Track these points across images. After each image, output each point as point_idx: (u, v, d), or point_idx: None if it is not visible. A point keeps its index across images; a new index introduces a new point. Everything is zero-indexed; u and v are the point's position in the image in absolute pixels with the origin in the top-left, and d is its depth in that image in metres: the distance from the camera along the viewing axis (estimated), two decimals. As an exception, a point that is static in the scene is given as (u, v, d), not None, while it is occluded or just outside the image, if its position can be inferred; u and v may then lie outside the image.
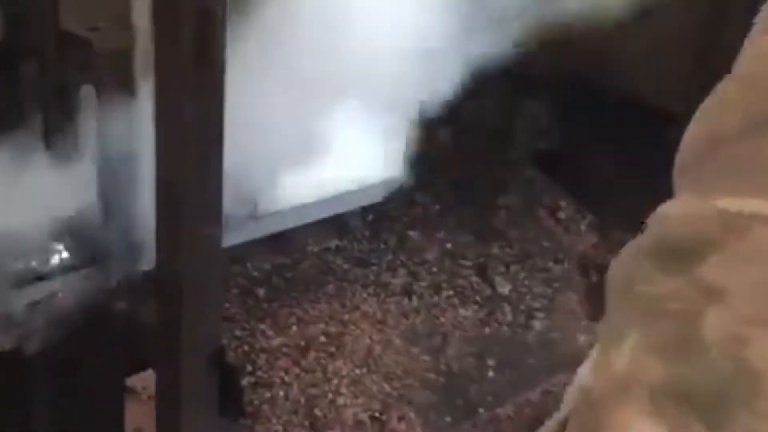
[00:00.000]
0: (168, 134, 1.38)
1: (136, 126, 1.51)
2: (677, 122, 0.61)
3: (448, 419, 1.60)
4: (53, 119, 1.52)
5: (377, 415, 1.56)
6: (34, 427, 1.69)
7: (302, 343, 1.64)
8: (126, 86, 1.50)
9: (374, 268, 1.82)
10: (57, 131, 1.53)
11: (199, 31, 1.33)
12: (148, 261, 1.56)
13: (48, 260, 1.53)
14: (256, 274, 1.72)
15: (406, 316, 1.76)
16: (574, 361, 0.55)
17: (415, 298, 1.79)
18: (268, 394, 1.55)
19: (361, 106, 1.72)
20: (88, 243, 1.56)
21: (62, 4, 1.45)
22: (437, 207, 1.93)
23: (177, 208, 1.41)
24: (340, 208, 1.85)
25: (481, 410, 1.63)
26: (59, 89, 1.50)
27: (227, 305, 1.61)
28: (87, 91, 1.50)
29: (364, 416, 1.56)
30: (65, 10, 1.45)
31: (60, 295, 1.53)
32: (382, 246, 1.86)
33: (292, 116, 1.65)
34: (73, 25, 1.47)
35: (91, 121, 1.51)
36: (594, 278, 1.83)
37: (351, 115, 1.72)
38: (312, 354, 1.63)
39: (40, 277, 1.53)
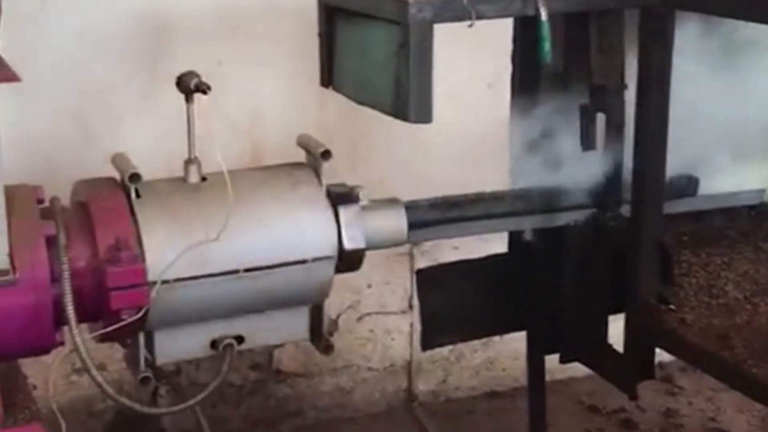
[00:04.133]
0: (643, 131, 2.82)
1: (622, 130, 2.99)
2: None
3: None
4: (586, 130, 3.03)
5: (748, 296, 2.87)
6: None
7: (706, 262, 2.98)
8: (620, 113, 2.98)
9: (753, 236, 3.12)
10: (587, 135, 3.03)
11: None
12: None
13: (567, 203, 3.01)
14: (683, 229, 3.09)
15: (770, 262, 3.05)
16: None
17: (775, 255, 3.08)
18: (685, 281, 2.90)
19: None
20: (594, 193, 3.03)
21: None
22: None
23: (643, 175, 2.85)
24: (734, 203, 3.21)
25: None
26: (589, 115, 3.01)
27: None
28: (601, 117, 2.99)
29: (740, 295, 2.87)
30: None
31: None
32: (760, 228, 3.16)
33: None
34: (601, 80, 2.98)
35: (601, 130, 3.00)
36: None
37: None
38: (711, 267, 2.96)
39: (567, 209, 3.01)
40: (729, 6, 2.57)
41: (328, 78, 2.92)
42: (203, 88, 2.51)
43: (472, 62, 3.95)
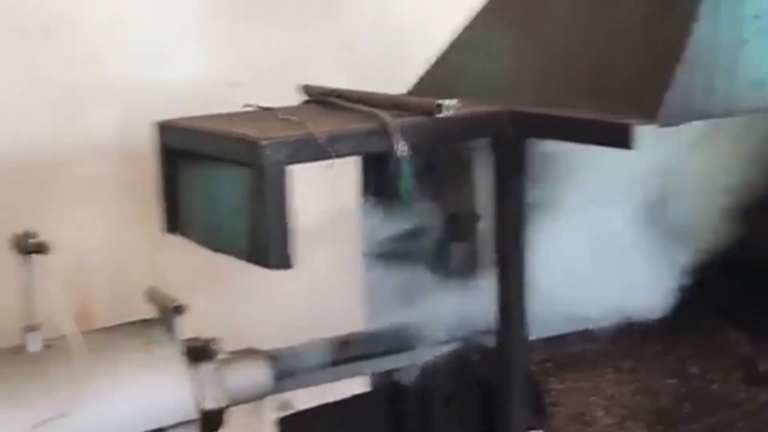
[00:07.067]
0: (503, 260, 2.77)
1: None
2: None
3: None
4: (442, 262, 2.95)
5: (620, 421, 2.81)
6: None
7: (573, 388, 2.92)
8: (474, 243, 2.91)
9: (612, 358, 3.09)
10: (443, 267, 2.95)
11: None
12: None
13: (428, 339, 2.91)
14: (545, 356, 3.03)
15: (632, 382, 3.01)
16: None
17: (638, 375, 3.04)
18: (555, 409, 2.82)
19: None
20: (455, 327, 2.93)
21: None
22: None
23: (507, 313, 2.77)
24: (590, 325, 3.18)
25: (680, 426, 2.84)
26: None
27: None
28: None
29: (610, 420, 2.80)
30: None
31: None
32: (617, 348, 3.14)
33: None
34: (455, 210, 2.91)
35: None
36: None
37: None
38: (579, 393, 2.90)
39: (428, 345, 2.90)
40: (574, 132, 2.57)
41: (173, 224, 2.73)
42: (43, 249, 2.29)
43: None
